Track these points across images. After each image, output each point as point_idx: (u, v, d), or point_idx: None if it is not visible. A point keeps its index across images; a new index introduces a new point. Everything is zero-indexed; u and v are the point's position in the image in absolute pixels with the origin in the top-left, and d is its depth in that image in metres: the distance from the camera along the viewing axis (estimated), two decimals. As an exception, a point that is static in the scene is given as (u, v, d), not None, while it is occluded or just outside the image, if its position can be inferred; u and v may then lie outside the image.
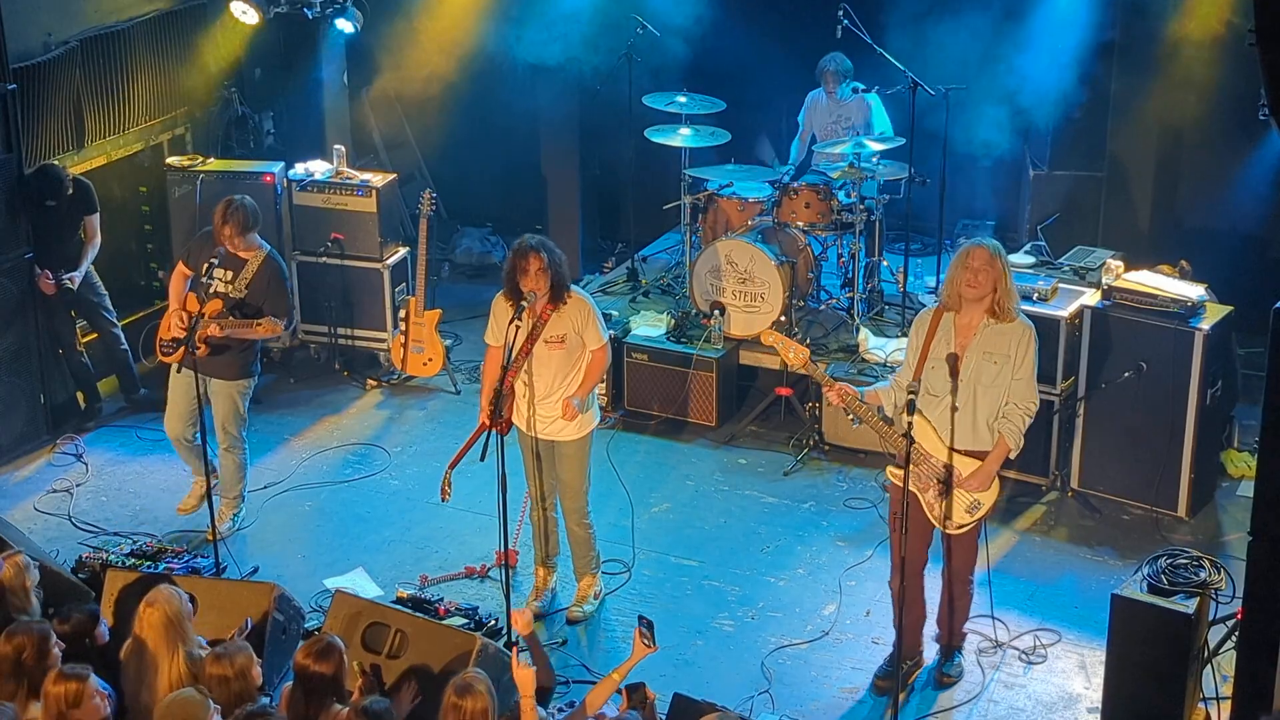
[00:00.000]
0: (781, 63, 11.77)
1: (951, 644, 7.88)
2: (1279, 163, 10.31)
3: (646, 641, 6.56)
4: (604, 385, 10.22)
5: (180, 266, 9.13)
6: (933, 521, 7.52)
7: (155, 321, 11.36)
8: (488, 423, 7.90)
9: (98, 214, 10.29)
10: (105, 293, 10.48)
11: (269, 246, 9.07)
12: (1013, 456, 7.59)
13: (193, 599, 7.16)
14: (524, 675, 6.35)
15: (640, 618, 6.62)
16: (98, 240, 10.31)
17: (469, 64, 12.27)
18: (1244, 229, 10.81)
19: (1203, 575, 7.08)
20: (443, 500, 8.28)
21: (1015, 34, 10.75)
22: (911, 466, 7.18)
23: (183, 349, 8.70)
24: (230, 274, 8.89)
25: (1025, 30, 10.77)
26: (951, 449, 7.36)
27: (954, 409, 7.34)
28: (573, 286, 8.06)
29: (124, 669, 6.68)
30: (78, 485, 9.82)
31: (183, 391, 9.01)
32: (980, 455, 7.40)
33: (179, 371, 9.02)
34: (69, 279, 10.09)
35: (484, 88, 12.32)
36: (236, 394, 9.03)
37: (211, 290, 8.85)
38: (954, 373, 7.31)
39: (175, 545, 8.75)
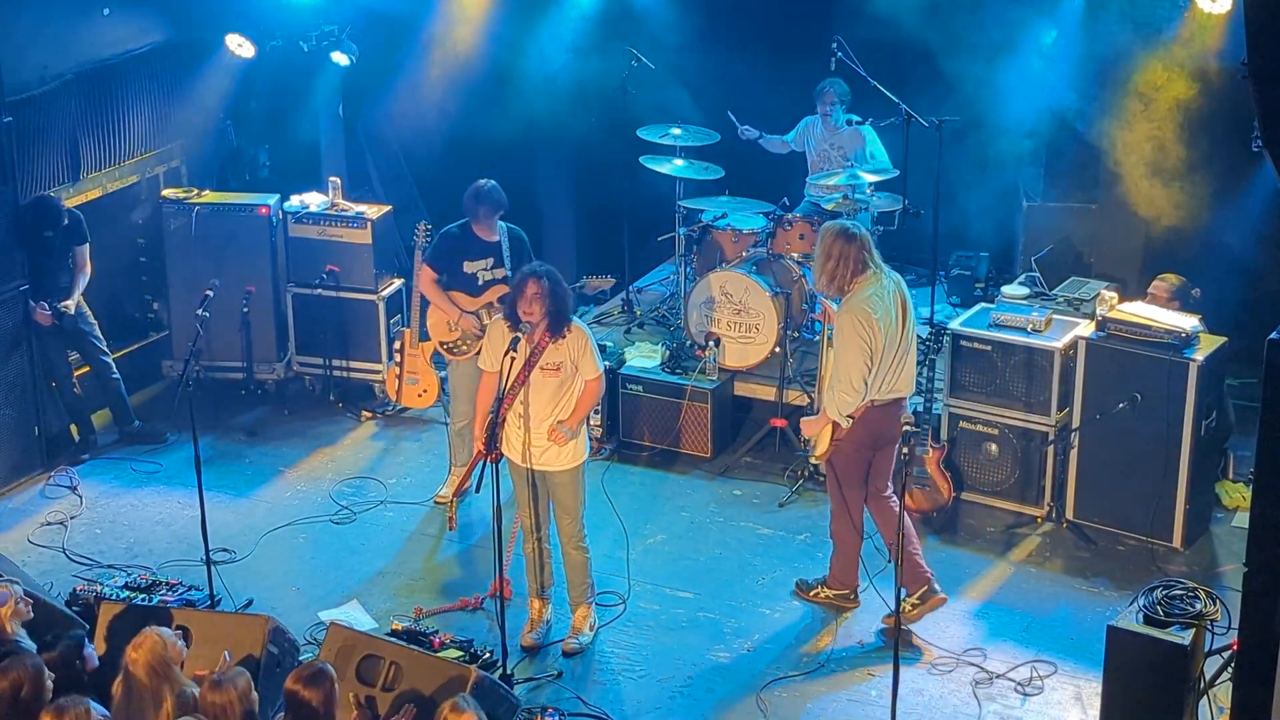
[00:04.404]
0: (776, 95, 11.78)
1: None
2: (1272, 194, 10.32)
3: None
4: (598, 416, 10.23)
5: (429, 271, 9.56)
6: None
7: (152, 349, 11.50)
8: (484, 450, 7.91)
9: (88, 244, 10.31)
10: (95, 322, 10.48)
11: (502, 222, 9.53)
12: (843, 426, 8.12)
13: (186, 633, 7.14)
14: None
15: None
16: (89, 270, 10.33)
17: (464, 96, 12.29)
18: (1238, 260, 10.80)
19: (1198, 606, 7.06)
20: (450, 530, 8.49)
21: (1009, 66, 10.77)
22: None
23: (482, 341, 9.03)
24: (490, 260, 9.45)
25: (1018, 62, 10.80)
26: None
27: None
28: (573, 318, 8.09)
29: (114, 705, 6.65)
30: (72, 518, 9.78)
31: (469, 379, 9.35)
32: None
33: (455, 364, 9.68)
34: (64, 305, 10.12)
35: (479, 120, 12.33)
36: None
37: (482, 281, 9.46)
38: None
39: (170, 578, 8.74)
